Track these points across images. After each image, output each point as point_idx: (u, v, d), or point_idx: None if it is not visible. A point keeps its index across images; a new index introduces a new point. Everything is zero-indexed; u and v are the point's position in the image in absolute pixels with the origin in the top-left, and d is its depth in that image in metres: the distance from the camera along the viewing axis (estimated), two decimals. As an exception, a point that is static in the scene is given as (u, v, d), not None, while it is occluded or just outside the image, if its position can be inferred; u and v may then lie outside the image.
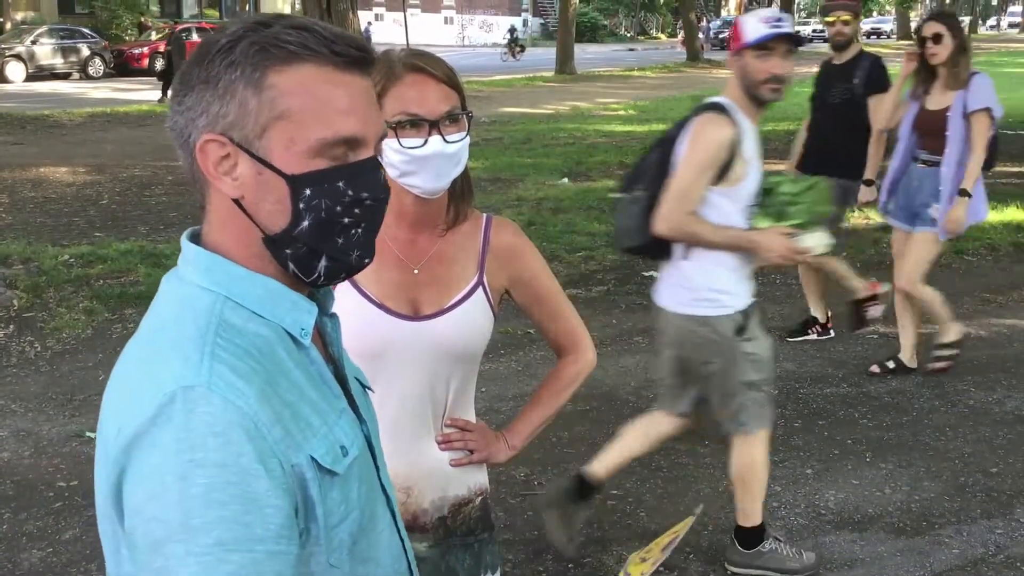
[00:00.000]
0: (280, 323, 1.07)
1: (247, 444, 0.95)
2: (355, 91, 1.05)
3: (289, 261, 1.06)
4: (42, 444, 4.49)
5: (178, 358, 0.98)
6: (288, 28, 1.03)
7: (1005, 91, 24.62)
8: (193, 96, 1.04)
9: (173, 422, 0.94)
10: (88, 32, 28.69)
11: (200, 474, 0.92)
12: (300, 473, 1.01)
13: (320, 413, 1.06)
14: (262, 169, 1.03)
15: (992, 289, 7.14)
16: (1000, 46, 48.83)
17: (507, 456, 1.92)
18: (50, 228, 8.83)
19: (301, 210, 1.04)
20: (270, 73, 1.02)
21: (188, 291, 1.06)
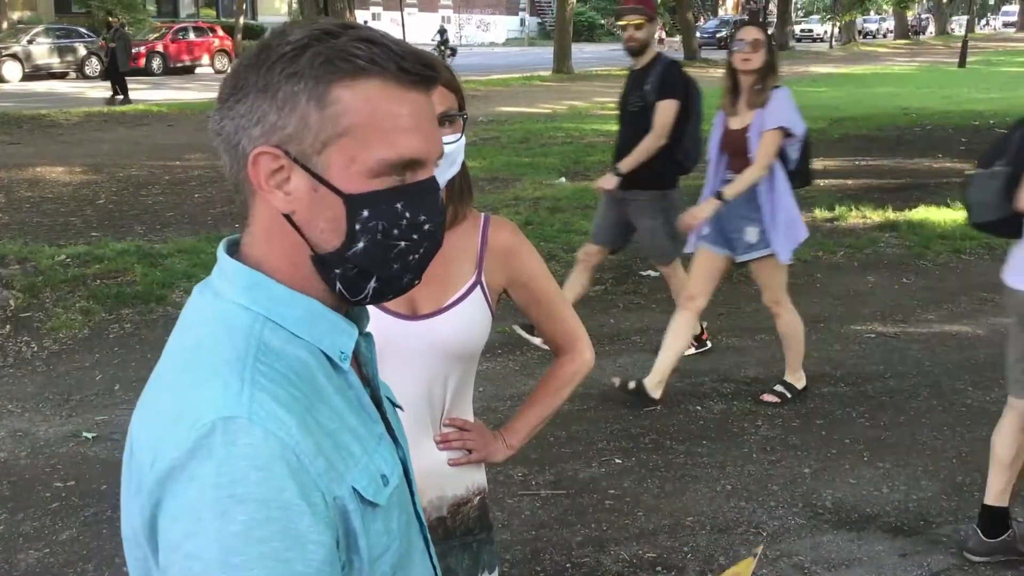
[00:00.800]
0: (319, 345, 1.03)
1: (289, 478, 0.91)
2: (419, 110, 1.01)
3: (337, 280, 1.02)
4: (39, 444, 4.48)
5: (217, 385, 0.94)
6: (357, 41, 0.98)
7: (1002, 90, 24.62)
8: (248, 103, 0.99)
9: (213, 456, 0.90)
10: (85, 31, 28.66)
11: (240, 510, 0.88)
12: (342, 505, 0.97)
13: (360, 441, 1.03)
14: (318, 186, 0.99)
15: (989, 288, 7.14)
16: (997, 45, 48.90)
17: (505, 456, 1.92)
18: (47, 228, 8.82)
19: (356, 231, 1.00)
20: (335, 88, 0.97)
21: (226, 309, 1.01)
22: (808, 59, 38.44)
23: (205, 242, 7.87)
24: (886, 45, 51.47)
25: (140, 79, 27.22)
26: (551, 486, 4.10)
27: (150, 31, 31.39)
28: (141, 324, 6.08)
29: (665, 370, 4.87)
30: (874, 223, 8.91)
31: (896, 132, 15.43)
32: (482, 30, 57.24)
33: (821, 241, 8.23)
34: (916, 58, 39.53)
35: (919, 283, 7.26)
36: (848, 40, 51.34)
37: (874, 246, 8.15)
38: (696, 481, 4.15)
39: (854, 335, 6.05)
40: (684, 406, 4.92)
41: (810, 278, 7.29)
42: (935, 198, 9.91)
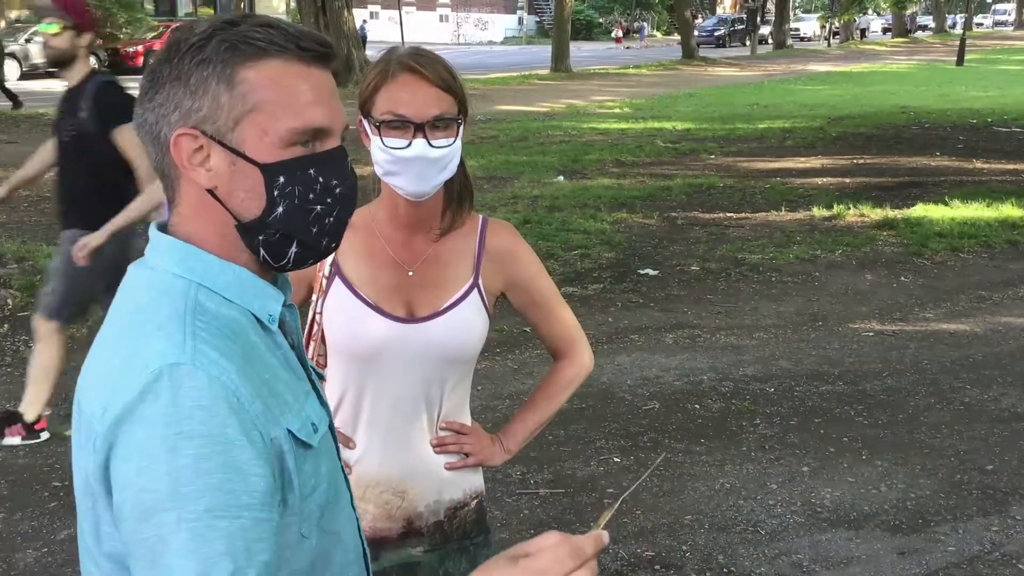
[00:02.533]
0: (249, 308, 1.11)
1: (231, 416, 0.99)
2: (320, 83, 1.11)
3: (260, 247, 1.11)
4: (37, 444, 4.48)
5: (161, 337, 1.02)
6: (256, 26, 1.08)
7: (1000, 88, 24.65)
8: (164, 93, 1.08)
9: (161, 398, 0.98)
10: (82, 30, 28.57)
11: (188, 445, 0.96)
12: (278, 445, 1.05)
13: (292, 391, 1.12)
14: (235, 159, 1.07)
15: (987, 287, 7.16)
16: (995, 43, 48.93)
17: (502, 459, 1.91)
18: (44, 227, 8.79)
19: (275, 197, 1.08)
20: (241, 69, 1.07)
21: (161, 278, 1.09)
22: (806, 57, 38.46)
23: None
24: (884, 43, 51.50)
25: (138, 78, 27.15)
26: (550, 485, 4.10)
27: (147, 30, 31.35)
28: (139, 323, 6.07)
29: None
30: (872, 221, 8.92)
31: (894, 130, 15.44)
32: (480, 28, 57.22)
33: (819, 239, 8.25)
34: (914, 56, 39.55)
35: (917, 281, 7.27)
36: (846, 39, 51.36)
37: (872, 244, 8.15)
38: (695, 480, 4.15)
39: (852, 333, 6.05)
40: (682, 405, 4.92)
41: (808, 276, 7.30)
42: (933, 196, 9.92)
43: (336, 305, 1.78)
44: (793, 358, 5.61)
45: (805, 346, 5.83)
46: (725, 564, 3.52)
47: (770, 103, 20.45)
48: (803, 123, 16.49)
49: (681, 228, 8.83)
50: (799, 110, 18.83)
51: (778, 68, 32.60)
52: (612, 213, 9.24)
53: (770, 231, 8.63)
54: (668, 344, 5.86)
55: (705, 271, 7.40)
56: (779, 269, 7.44)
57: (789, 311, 6.51)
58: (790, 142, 14.35)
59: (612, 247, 8.03)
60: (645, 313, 6.47)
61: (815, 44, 50.10)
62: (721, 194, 10.34)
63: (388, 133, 1.67)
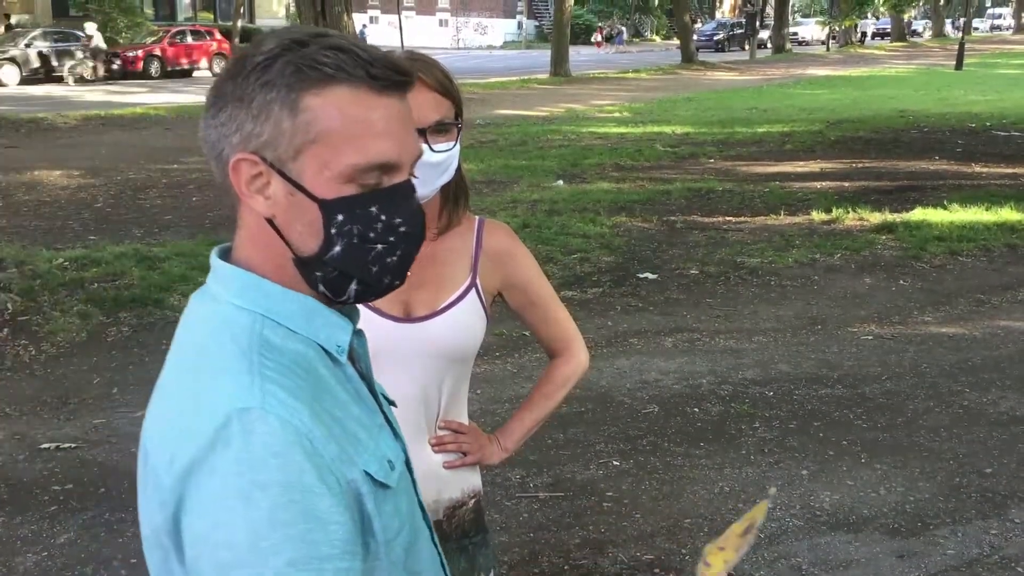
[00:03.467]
0: (316, 339, 1.05)
1: (307, 462, 0.94)
2: (391, 115, 1.03)
3: (319, 282, 1.05)
4: (37, 448, 4.48)
5: (228, 380, 0.97)
6: (325, 49, 1.01)
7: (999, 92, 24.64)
8: (227, 112, 1.03)
9: (232, 446, 0.92)
10: (82, 35, 28.61)
11: (263, 496, 0.91)
12: (355, 488, 1.00)
13: (365, 428, 1.06)
14: (294, 191, 1.02)
15: (986, 290, 7.16)
16: (994, 47, 48.97)
17: (500, 458, 1.92)
18: (44, 231, 8.82)
19: (333, 235, 1.02)
20: (305, 95, 1.00)
21: (224, 311, 1.04)
22: (805, 61, 38.50)
23: (203, 245, 7.87)
24: (883, 48, 51.55)
25: (138, 82, 27.24)
26: (549, 488, 4.10)
27: (147, 34, 31.37)
28: (139, 327, 6.08)
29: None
30: (871, 225, 8.92)
31: (893, 134, 15.45)
32: (480, 33, 57.26)
33: (818, 243, 8.25)
34: (913, 60, 39.58)
35: (916, 285, 7.27)
36: (845, 43, 51.42)
37: (871, 248, 8.16)
38: (694, 483, 4.15)
39: (851, 337, 6.06)
40: (682, 408, 4.93)
41: (807, 280, 7.30)
42: (932, 200, 9.93)
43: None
44: (792, 361, 5.62)
45: (804, 349, 5.83)
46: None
47: (769, 107, 20.46)
48: (802, 127, 16.50)
49: (680, 232, 8.84)
50: (798, 114, 18.84)
51: (777, 72, 32.64)
52: (611, 217, 9.24)
53: (769, 235, 8.64)
54: (667, 348, 5.86)
55: (704, 275, 7.41)
56: (778, 273, 7.45)
57: (788, 315, 6.52)
58: (789, 146, 14.36)
59: (611, 251, 8.04)
60: (644, 317, 6.47)
61: (814, 48, 50.14)
62: (720, 198, 10.35)
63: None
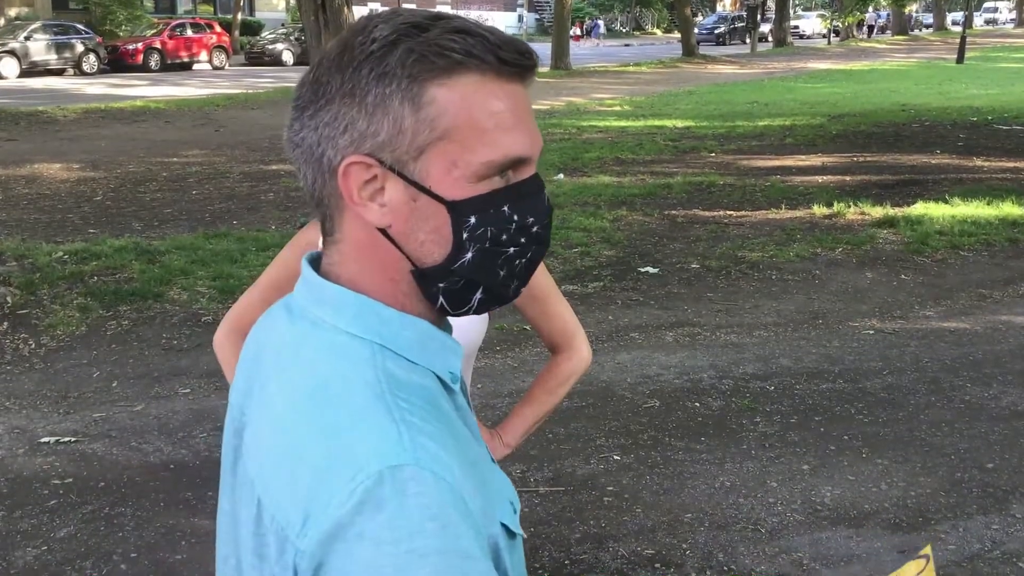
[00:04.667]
0: (432, 368, 0.95)
1: (463, 524, 0.83)
2: (520, 104, 0.94)
3: (440, 295, 0.94)
4: (37, 442, 4.48)
5: (370, 429, 0.84)
6: (450, 32, 0.90)
7: (1000, 86, 24.61)
8: (332, 110, 0.90)
9: (384, 509, 0.80)
10: (82, 28, 28.61)
11: (421, 565, 0.79)
12: (494, 543, 0.90)
13: (491, 470, 0.96)
14: (418, 195, 0.90)
15: (988, 285, 7.15)
16: (995, 41, 48.91)
17: (502, 454, 1.91)
18: (44, 225, 8.81)
19: (464, 240, 0.91)
20: (431, 87, 0.89)
21: (336, 340, 0.92)
22: (807, 55, 38.44)
23: (203, 239, 7.87)
24: (884, 41, 51.50)
25: (138, 75, 27.21)
26: (550, 483, 4.10)
27: (147, 27, 31.34)
28: (139, 321, 6.08)
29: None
30: (872, 219, 8.91)
31: (894, 128, 15.43)
32: (480, 26, 57.16)
33: (820, 237, 8.24)
34: (914, 54, 39.53)
35: (917, 279, 7.26)
36: (847, 36, 51.38)
37: (872, 242, 8.14)
38: (695, 478, 4.15)
39: (852, 331, 6.05)
40: (683, 403, 4.92)
41: (808, 274, 7.29)
42: (933, 194, 9.92)
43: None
44: (793, 356, 5.61)
45: (805, 344, 5.83)
46: (725, 562, 3.52)
47: (770, 101, 20.44)
48: (803, 121, 16.48)
49: (681, 226, 8.83)
50: (799, 108, 18.82)
51: (778, 66, 32.60)
52: (612, 211, 9.23)
53: (770, 229, 8.63)
54: (668, 342, 5.86)
55: (705, 269, 7.40)
56: (779, 267, 7.44)
57: (789, 309, 6.51)
58: (790, 140, 14.35)
59: (612, 245, 8.03)
60: (645, 311, 6.46)
61: (815, 42, 50.09)
62: (721, 192, 10.34)
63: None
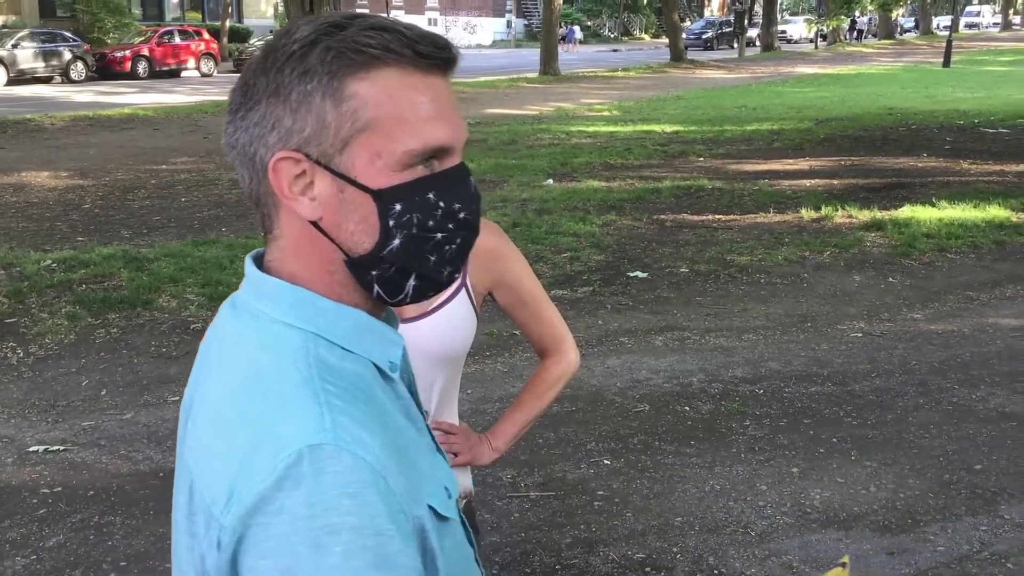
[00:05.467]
0: (369, 357, 0.99)
1: (380, 503, 0.87)
2: (440, 95, 0.97)
3: (375, 283, 0.98)
4: (25, 451, 4.46)
5: (294, 412, 0.89)
6: (366, 30, 0.94)
7: (987, 89, 24.72)
8: (260, 110, 0.95)
9: (302, 486, 0.85)
10: (69, 35, 28.54)
11: (335, 541, 0.84)
12: (420, 525, 0.94)
13: (423, 454, 1.00)
14: (344, 186, 0.94)
15: (975, 287, 7.19)
16: (981, 45, 49.17)
17: (491, 458, 1.92)
18: (32, 233, 8.78)
19: (391, 227, 0.95)
20: (350, 81, 0.93)
21: (272, 330, 0.96)
22: (794, 59, 38.59)
23: (192, 246, 7.85)
24: (870, 45, 51.73)
25: (126, 82, 27.15)
26: (540, 488, 4.10)
27: (135, 34, 31.27)
28: (128, 329, 6.06)
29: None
30: (860, 222, 8.95)
31: (881, 132, 15.50)
32: (469, 32, 57.21)
33: (807, 241, 8.27)
34: (901, 58, 39.72)
35: (905, 282, 7.29)
36: (834, 41, 51.60)
37: (860, 245, 8.18)
38: (685, 481, 4.16)
39: (841, 334, 6.07)
40: (672, 407, 4.93)
41: (797, 278, 7.32)
42: (920, 197, 9.96)
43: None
44: (782, 359, 5.63)
45: (794, 347, 5.85)
46: (715, 565, 3.53)
47: (758, 105, 20.51)
48: (791, 125, 16.54)
49: (670, 230, 8.85)
50: (787, 112, 18.89)
51: (766, 70, 32.71)
52: (601, 216, 9.25)
53: (759, 233, 8.65)
54: (658, 346, 5.87)
55: (694, 273, 7.42)
56: (768, 271, 7.46)
57: (778, 312, 6.53)
58: (778, 144, 14.40)
59: (601, 250, 8.04)
60: (635, 315, 6.47)
61: (802, 46, 50.28)
62: (710, 196, 10.37)
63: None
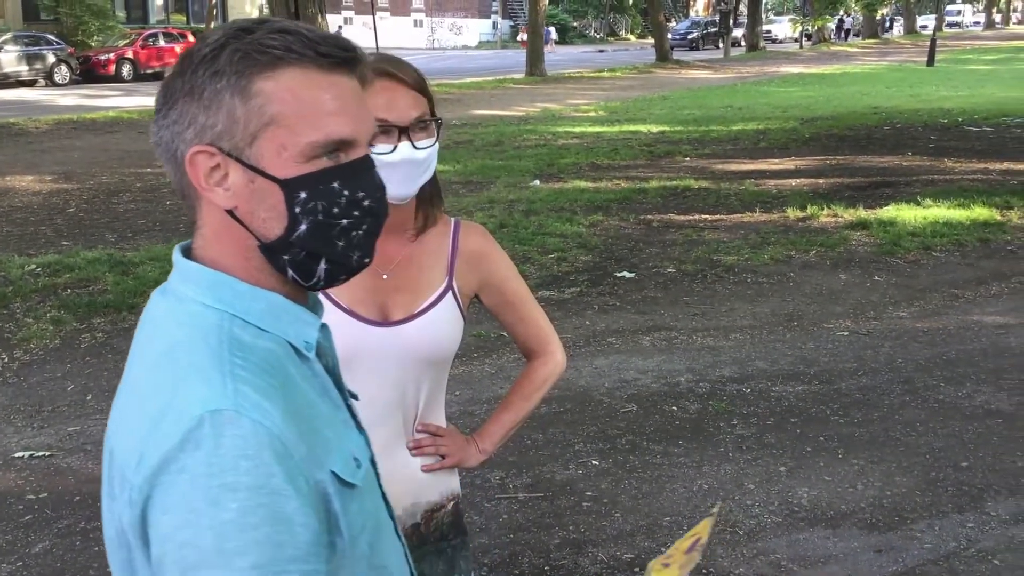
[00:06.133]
0: (285, 337, 1.07)
1: (276, 465, 0.95)
2: (343, 92, 1.05)
3: (288, 267, 1.06)
4: (11, 456, 4.43)
5: (200, 381, 0.97)
6: (271, 33, 1.03)
7: (970, 88, 24.83)
8: (178, 109, 1.04)
9: (202, 447, 0.93)
10: (53, 39, 28.38)
11: (232, 498, 0.92)
12: (323, 489, 1.01)
13: (332, 426, 1.07)
14: (254, 177, 1.03)
15: (960, 285, 7.22)
16: (965, 43, 49.42)
17: (479, 460, 1.91)
18: (16, 237, 8.73)
19: (297, 214, 1.03)
20: (256, 80, 1.02)
21: (191, 309, 1.04)
22: (779, 59, 38.70)
23: (178, 249, 7.81)
24: (855, 45, 51.93)
25: (110, 86, 27.01)
26: (528, 489, 4.10)
27: (120, 37, 31.13)
28: (113, 333, 6.03)
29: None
30: (845, 221, 8.98)
31: (866, 131, 15.56)
32: (455, 33, 57.20)
33: (793, 240, 8.30)
34: (885, 57, 39.89)
35: (890, 280, 7.32)
36: (819, 40, 51.80)
37: (846, 244, 8.21)
38: (673, 481, 4.16)
39: (827, 333, 6.09)
40: (660, 407, 4.94)
41: (783, 277, 7.34)
42: (905, 196, 10.01)
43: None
44: (769, 358, 5.65)
45: (781, 346, 5.86)
46: (704, 565, 3.53)
47: (744, 105, 20.56)
48: (776, 124, 16.59)
49: (657, 230, 8.86)
50: (772, 112, 18.95)
51: (751, 70, 32.79)
52: (588, 216, 9.26)
53: (745, 232, 8.67)
54: (645, 346, 5.88)
55: (681, 273, 7.43)
56: (754, 270, 7.48)
57: (764, 312, 6.55)
58: (764, 143, 14.44)
59: (588, 250, 8.05)
60: (622, 316, 6.48)
61: (788, 46, 50.43)
62: (696, 196, 10.39)
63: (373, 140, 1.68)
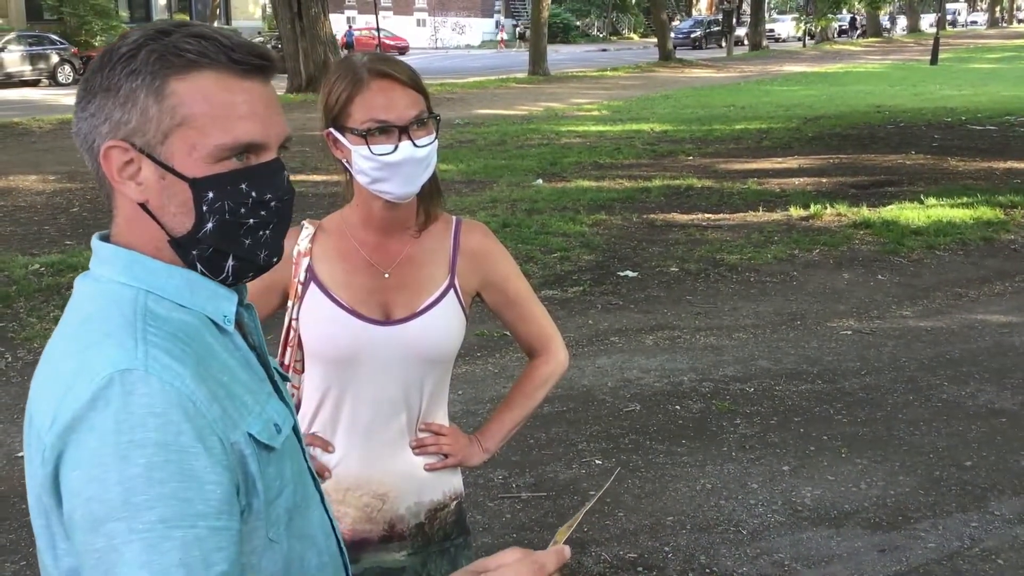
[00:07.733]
0: (203, 311, 1.10)
1: (185, 423, 0.97)
2: (255, 97, 1.09)
3: (196, 262, 1.10)
4: (14, 456, 4.44)
5: (112, 344, 1.00)
6: (188, 37, 1.06)
7: (974, 86, 24.80)
8: (96, 103, 1.07)
9: (112, 405, 0.96)
10: (57, 39, 28.42)
11: (140, 454, 0.94)
12: (239, 450, 1.04)
13: (252, 393, 1.10)
14: (165, 174, 1.06)
15: (963, 284, 7.21)
16: (968, 42, 49.35)
17: (481, 459, 1.91)
18: (20, 237, 8.74)
19: (204, 212, 1.07)
20: (170, 81, 1.05)
21: (107, 288, 1.08)
22: (782, 58, 38.66)
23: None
24: (858, 44, 51.87)
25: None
26: (531, 488, 4.10)
27: (123, 37, 31.14)
28: (117, 333, 6.03)
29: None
30: (849, 220, 8.97)
31: (869, 130, 15.54)
32: (458, 33, 57.20)
33: (797, 239, 8.29)
34: (889, 56, 39.84)
35: (894, 279, 7.32)
36: (822, 39, 51.75)
37: (849, 243, 8.20)
38: (676, 481, 4.16)
39: (830, 332, 6.09)
40: (663, 406, 4.93)
41: (786, 276, 7.33)
42: (909, 195, 10.00)
43: (312, 310, 1.78)
44: (772, 358, 5.64)
45: (784, 345, 5.86)
46: (707, 564, 3.53)
47: (746, 104, 20.54)
48: (779, 124, 16.58)
49: (660, 229, 8.86)
50: (775, 111, 18.93)
51: (754, 69, 32.76)
52: (591, 215, 9.25)
53: (748, 231, 8.67)
54: (648, 345, 5.87)
55: (684, 272, 7.43)
56: (757, 269, 7.48)
57: (768, 311, 6.54)
58: (767, 143, 14.43)
59: (591, 249, 8.04)
60: (625, 315, 6.48)
61: (790, 45, 50.39)
62: (699, 195, 10.38)
63: (374, 140, 1.69)
